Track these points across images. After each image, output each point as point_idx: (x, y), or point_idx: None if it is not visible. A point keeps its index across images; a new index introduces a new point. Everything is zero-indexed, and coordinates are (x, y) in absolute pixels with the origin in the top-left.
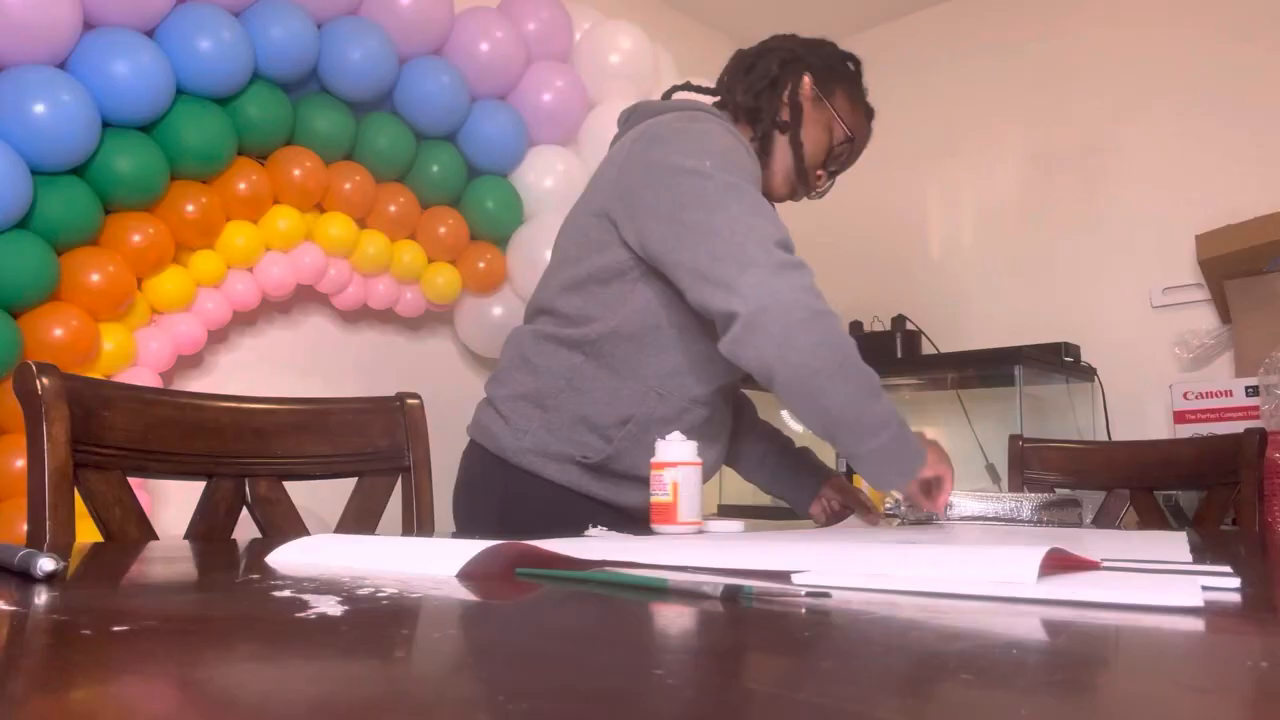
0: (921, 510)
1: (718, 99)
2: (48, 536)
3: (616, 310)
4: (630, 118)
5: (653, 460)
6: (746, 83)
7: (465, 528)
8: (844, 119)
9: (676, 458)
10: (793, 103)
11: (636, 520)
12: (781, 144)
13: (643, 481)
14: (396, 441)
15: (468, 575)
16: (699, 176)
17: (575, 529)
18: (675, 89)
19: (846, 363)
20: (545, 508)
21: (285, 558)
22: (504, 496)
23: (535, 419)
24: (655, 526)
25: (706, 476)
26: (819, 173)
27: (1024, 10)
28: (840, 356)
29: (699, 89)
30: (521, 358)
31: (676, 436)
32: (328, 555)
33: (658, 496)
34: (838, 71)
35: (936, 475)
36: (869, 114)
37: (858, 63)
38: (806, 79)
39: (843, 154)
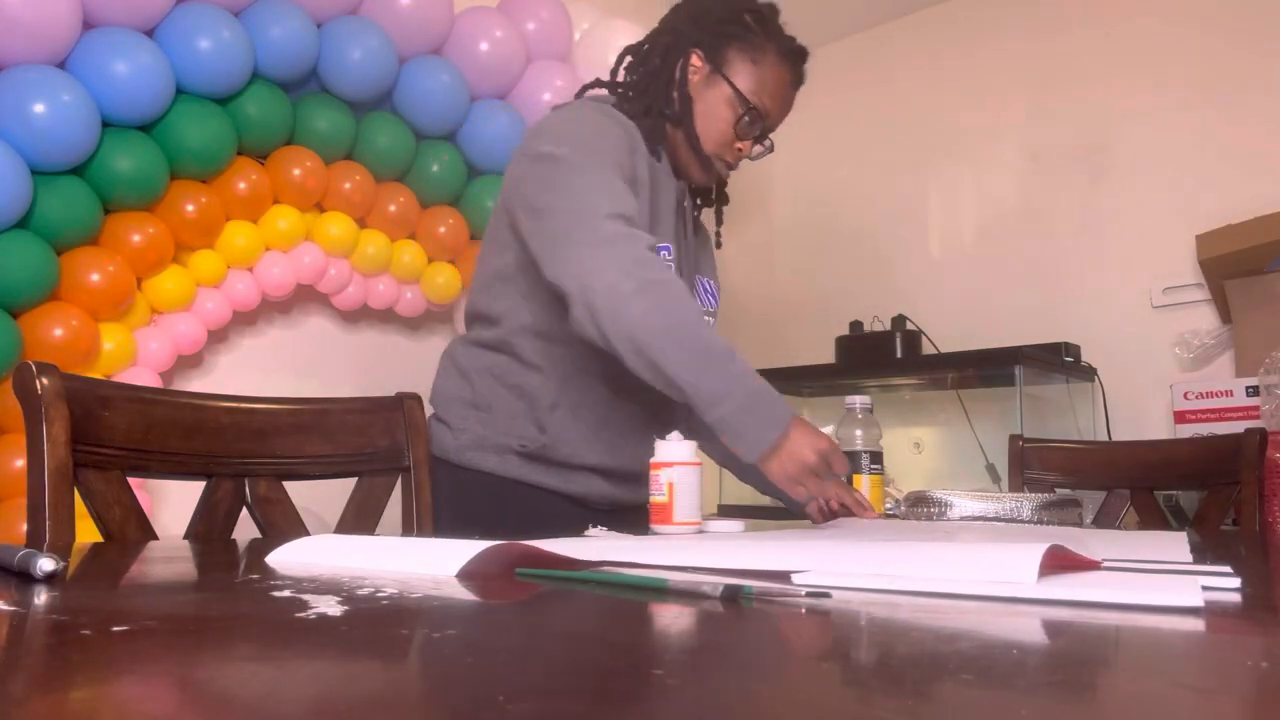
0: (799, 499)
1: (613, 101)
2: (47, 536)
3: (520, 307)
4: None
5: (651, 460)
6: (634, 80)
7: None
8: (743, 85)
9: (673, 458)
10: (681, 93)
11: (591, 509)
12: (675, 136)
13: (588, 469)
14: (396, 441)
15: (468, 575)
16: (551, 160)
17: (521, 517)
18: (586, 87)
19: (679, 329)
20: (489, 498)
21: (285, 558)
22: (449, 493)
23: (471, 418)
24: (654, 526)
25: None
26: (737, 146)
27: (1024, 10)
28: (670, 322)
29: (600, 84)
30: (453, 365)
31: (675, 436)
32: (328, 555)
33: (655, 496)
34: (729, 33)
35: (813, 453)
36: (788, 56)
37: (761, 10)
38: (695, 57)
39: (753, 120)
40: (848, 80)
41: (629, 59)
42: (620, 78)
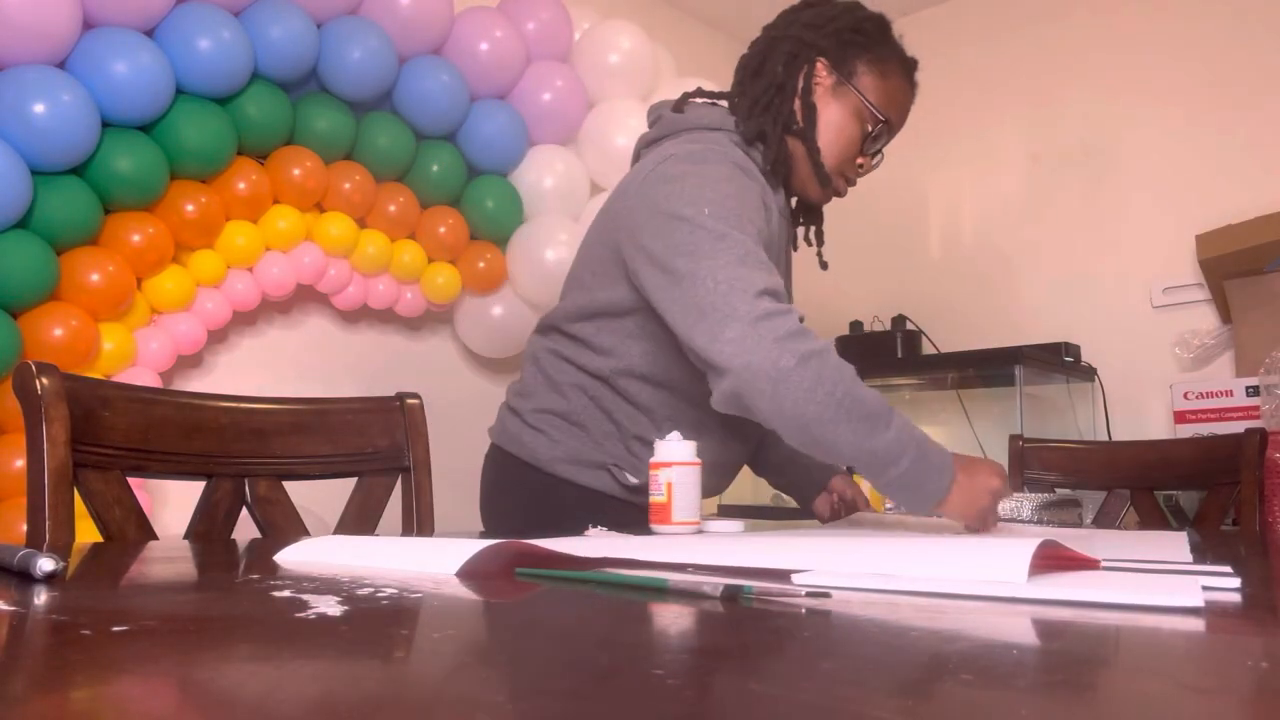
0: (985, 531)
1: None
2: (47, 536)
3: (630, 347)
4: (655, 124)
5: (650, 460)
6: (754, 93)
7: (494, 529)
8: (872, 97)
9: (672, 458)
10: (805, 102)
11: None
12: (799, 150)
13: None
14: (396, 441)
15: (468, 575)
16: (691, 225)
17: (610, 527)
18: (688, 96)
19: (845, 400)
20: (574, 507)
21: (290, 558)
22: (534, 497)
23: (567, 431)
24: (653, 526)
25: (711, 491)
26: (859, 161)
27: (1024, 11)
28: (838, 395)
29: (713, 95)
30: (545, 375)
31: (674, 436)
32: (332, 555)
33: (654, 496)
34: (856, 43)
35: (987, 492)
36: (907, 68)
37: (879, 20)
38: (820, 66)
39: (880, 134)
40: None
41: (746, 72)
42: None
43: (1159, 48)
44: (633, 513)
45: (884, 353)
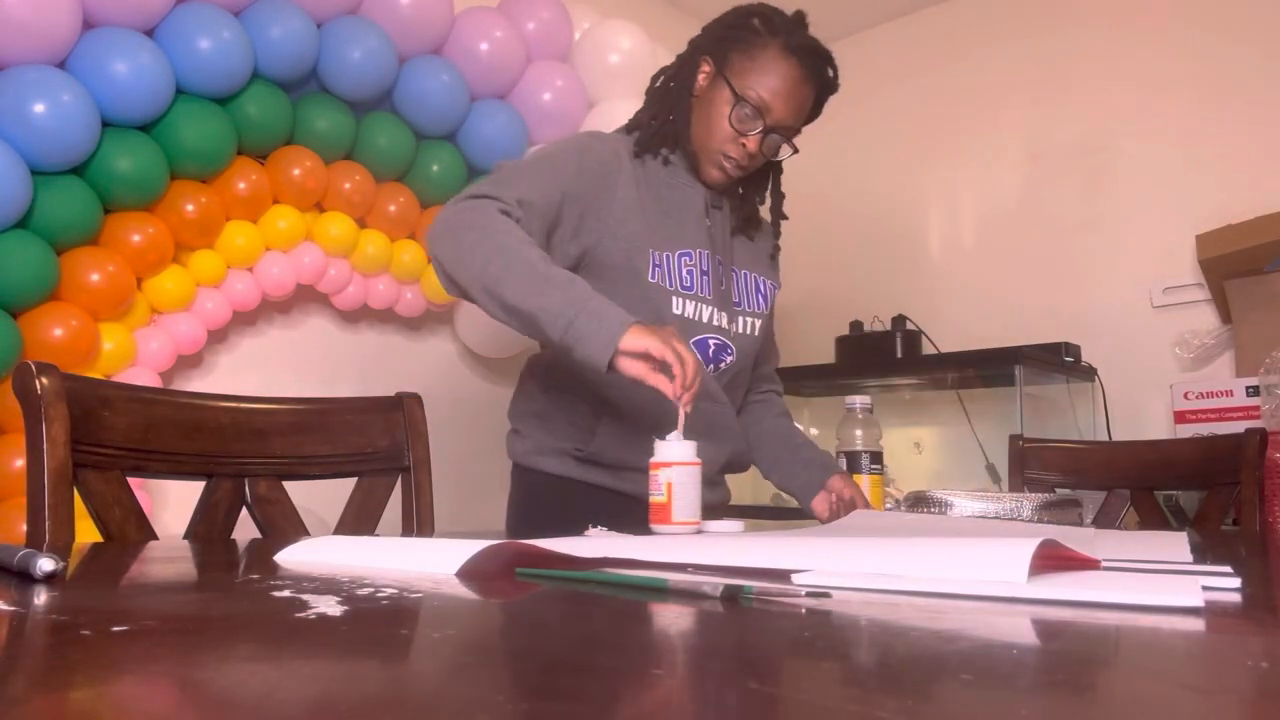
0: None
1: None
2: (47, 536)
3: None
4: None
5: (651, 460)
6: (650, 93)
7: (510, 533)
8: (740, 81)
9: (672, 458)
10: (688, 99)
11: (644, 504)
12: (689, 140)
13: (639, 470)
14: (396, 441)
15: (468, 575)
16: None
17: (581, 515)
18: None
19: (518, 263)
20: (551, 497)
21: (290, 558)
22: (520, 496)
23: (535, 425)
24: (653, 526)
25: (710, 473)
26: (742, 141)
27: (1024, 10)
28: (510, 257)
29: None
30: (521, 380)
31: (674, 436)
32: (332, 555)
33: (654, 496)
34: (732, 37)
35: (662, 347)
36: (793, 50)
37: (768, 12)
38: (704, 64)
39: (748, 112)
40: (847, 81)
41: (658, 80)
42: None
43: (1159, 48)
44: (613, 502)
45: (884, 353)
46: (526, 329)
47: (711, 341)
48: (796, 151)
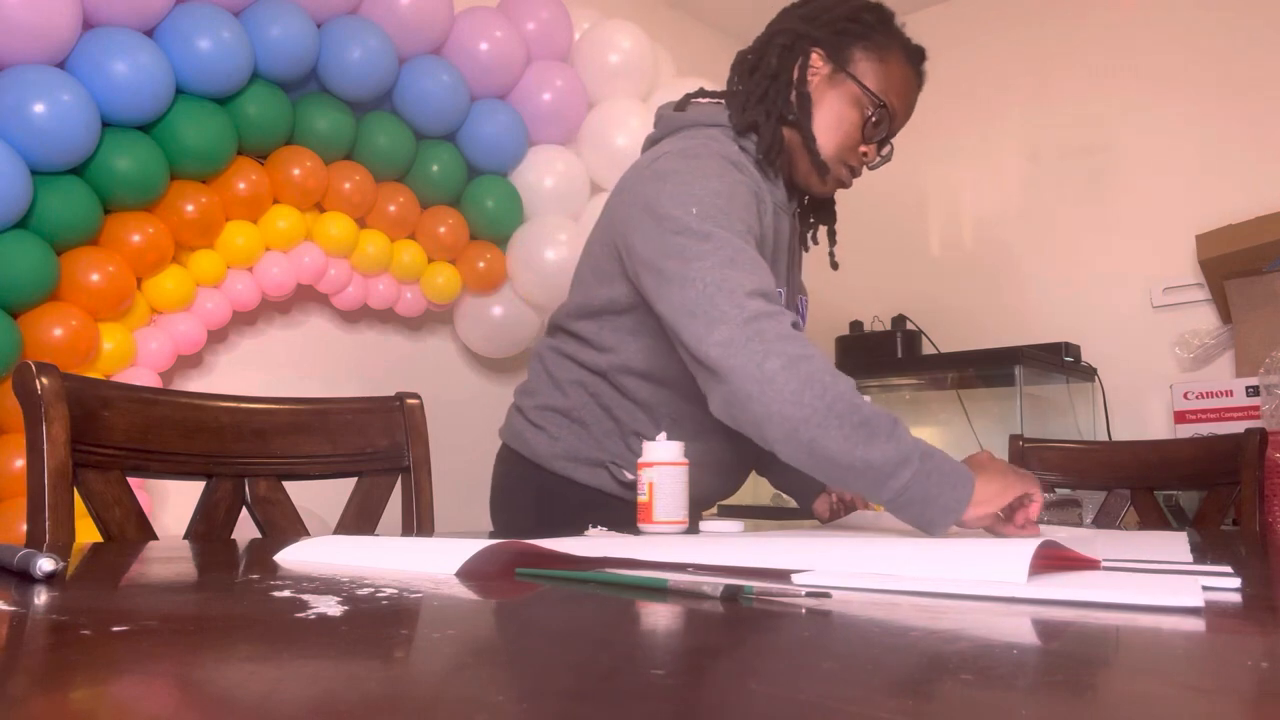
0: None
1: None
2: (47, 536)
3: (629, 343)
4: (657, 124)
5: (638, 460)
6: (749, 87)
7: (502, 527)
8: (870, 84)
9: (655, 458)
10: (800, 92)
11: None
12: (796, 141)
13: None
14: (396, 441)
15: (467, 575)
16: (679, 225)
17: (607, 526)
18: (690, 97)
19: (836, 405)
20: (578, 506)
21: (292, 557)
22: (539, 495)
23: (567, 428)
24: (640, 525)
25: (710, 500)
26: (863, 149)
27: (1024, 10)
28: (828, 399)
29: (715, 94)
30: (547, 373)
31: (661, 437)
32: (333, 555)
33: (639, 496)
34: (852, 31)
35: (1017, 495)
36: (910, 55)
37: (878, 9)
38: (815, 56)
39: (881, 120)
40: None
41: (742, 67)
42: (734, 85)
43: (1159, 47)
44: (633, 511)
45: (884, 353)
46: (831, 477)
47: None
48: (890, 159)
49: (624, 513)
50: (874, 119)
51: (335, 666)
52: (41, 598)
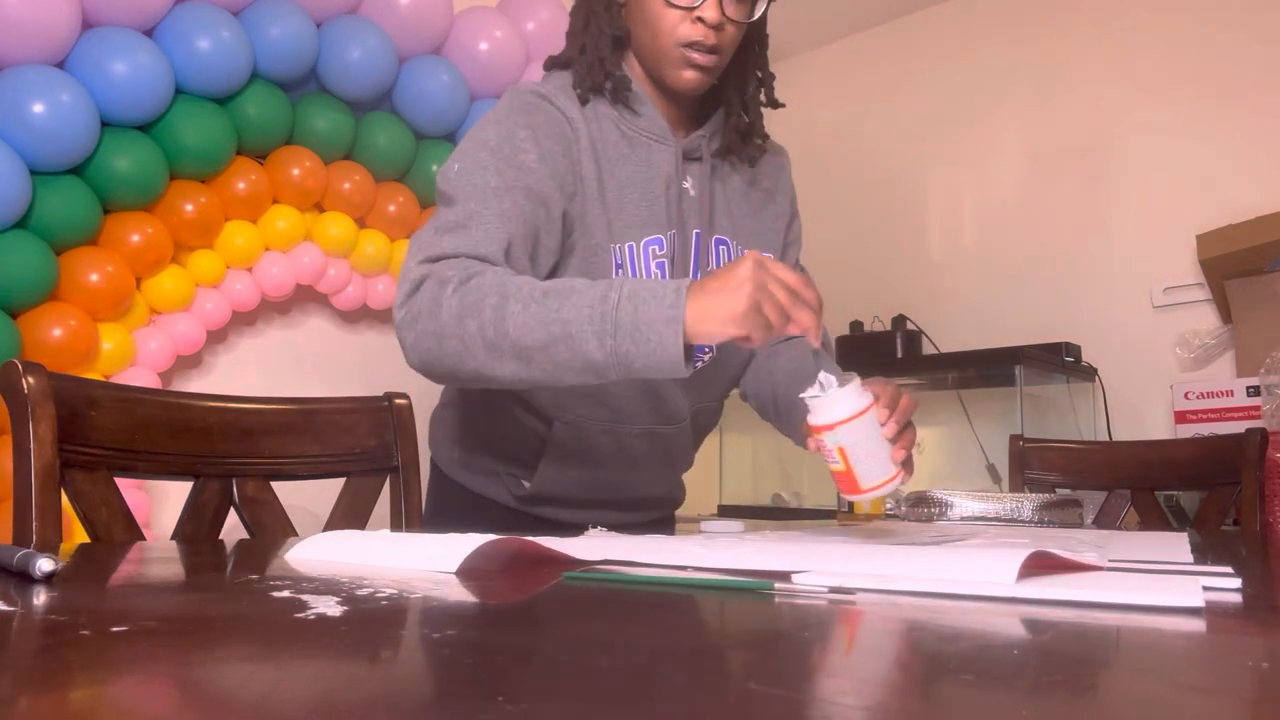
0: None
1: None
2: (34, 537)
3: None
4: None
5: (809, 424)
6: (571, 31)
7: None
8: None
9: (834, 417)
10: (613, 10)
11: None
12: (638, 53)
13: (580, 507)
14: (384, 441)
15: (468, 574)
16: (439, 189)
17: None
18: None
19: (502, 298)
20: (476, 513)
21: (299, 555)
22: (436, 497)
23: (465, 431)
24: (845, 496)
25: (671, 497)
26: (697, 15)
27: (1024, 10)
28: (490, 307)
29: (562, 56)
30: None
31: (829, 382)
32: (342, 554)
33: (831, 465)
34: None
35: (752, 299)
36: None
37: None
38: None
39: None
40: (847, 80)
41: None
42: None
43: (1160, 47)
44: (525, 522)
45: (884, 353)
46: (555, 370)
47: None
48: (756, 5)
49: (509, 522)
50: None
51: (335, 666)
52: (40, 598)
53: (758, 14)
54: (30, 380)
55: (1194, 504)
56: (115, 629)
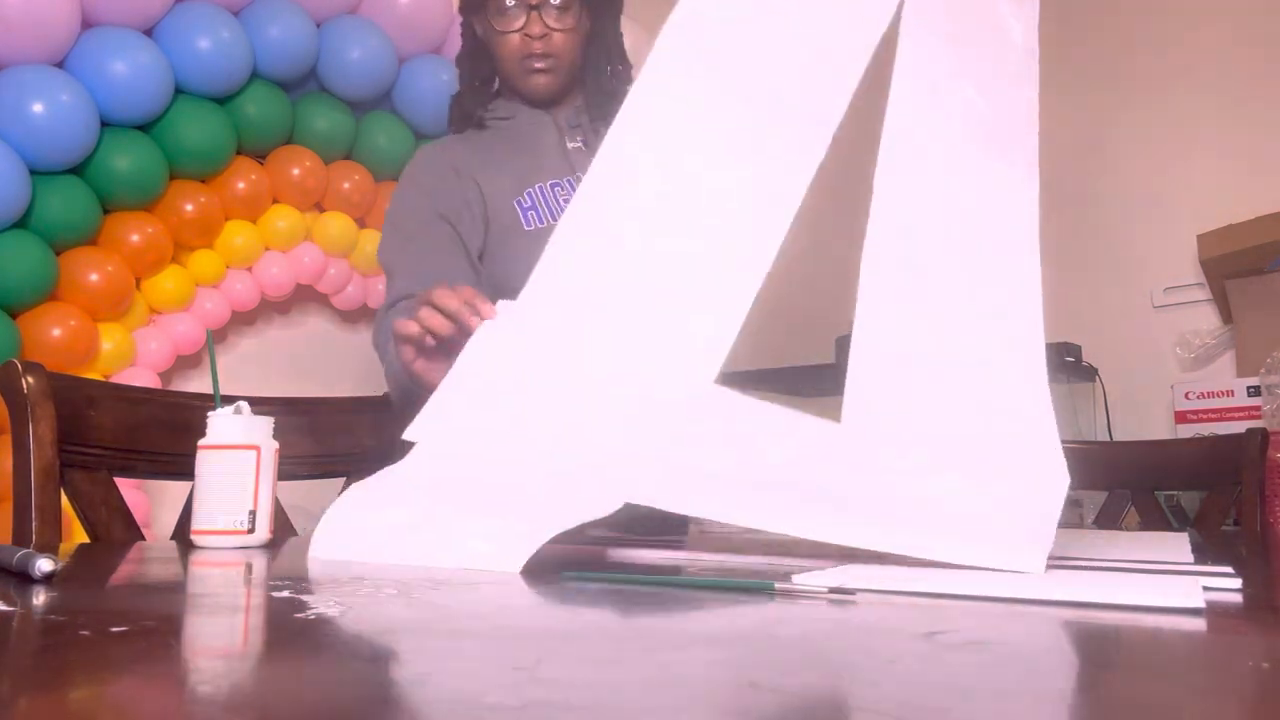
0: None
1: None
2: (33, 537)
3: None
4: None
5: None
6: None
7: None
8: (470, 4)
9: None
10: (474, 49)
11: None
12: (484, 71)
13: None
14: (384, 441)
15: (471, 573)
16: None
17: None
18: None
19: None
20: None
21: (319, 549)
22: None
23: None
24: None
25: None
26: (519, 35)
27: None
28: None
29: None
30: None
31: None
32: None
33: None
34: None
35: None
36: None
37: None
38: (463, 26)
39: (499, 11)
40: None
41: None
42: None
43: (1160, 46)
44: None
45: None
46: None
47: None
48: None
49: None
50: (494, 17)
51: (335, 666)
52: (39, 598)
53: (570, 23)
54: (30, 380)
55: (1194, 504)
56: (115, 629)
